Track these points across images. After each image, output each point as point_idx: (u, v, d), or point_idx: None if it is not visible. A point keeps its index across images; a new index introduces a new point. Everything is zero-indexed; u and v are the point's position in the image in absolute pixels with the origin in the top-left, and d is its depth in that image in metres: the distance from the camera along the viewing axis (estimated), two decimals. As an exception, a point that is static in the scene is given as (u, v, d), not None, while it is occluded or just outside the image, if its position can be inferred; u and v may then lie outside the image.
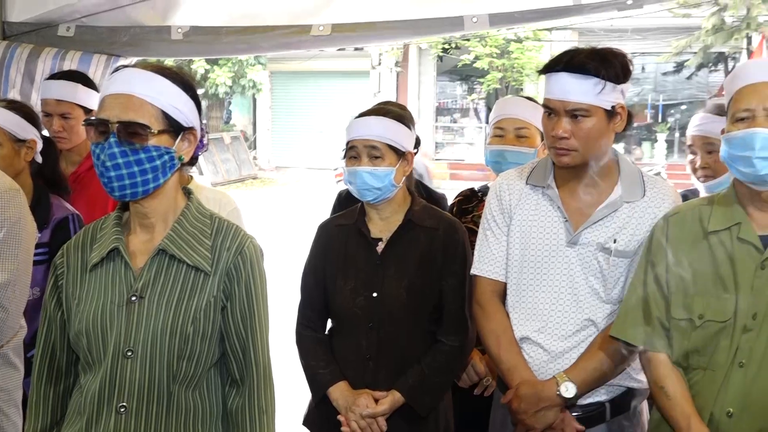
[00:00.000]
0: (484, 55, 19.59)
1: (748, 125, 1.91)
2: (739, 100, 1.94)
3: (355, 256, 2.53)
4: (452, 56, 20.99)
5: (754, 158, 1.89)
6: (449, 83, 23.83)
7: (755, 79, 1.93)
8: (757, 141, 1.88)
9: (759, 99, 1.91)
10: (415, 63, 22.12)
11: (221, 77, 20.25)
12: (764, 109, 1.90)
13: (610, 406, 2.26)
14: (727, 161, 1.97)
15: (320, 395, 2.52)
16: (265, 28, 3.54)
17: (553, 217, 2.27)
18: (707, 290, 1.99)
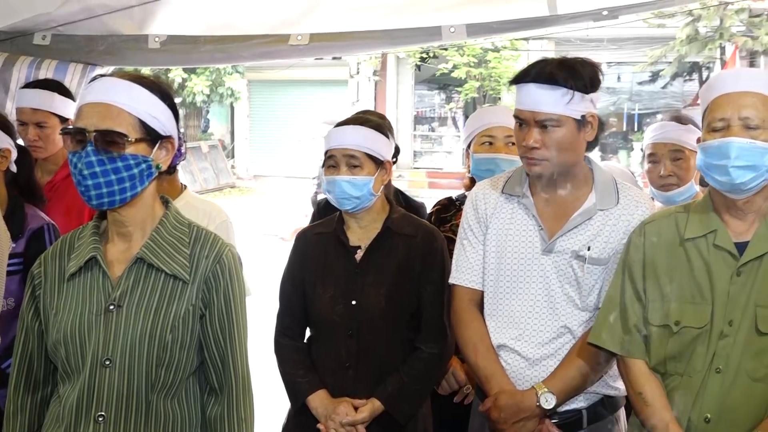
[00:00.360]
0: (461, 64, 19.67)
1: (724, 134, 1.93)
2: (714, 110, 1.97)
3: (334, 264, 2.54)
4: (430, 65, 21.06)
5: (730, 167, 1.91)
6: (427, 92, 23.89)
7: (730, 88, 1.95)
8: (732, 150, 1.90)
9: (734, 108, 1.93)
10: (393, 72, 22.16)
11: (199, 86, 20.17)
12: (739, 119, 1.92)
13: (587, 414, 2.27)
14: (703, 170, 1.99)
15: (299, 404, 2.51)
16: (243, 38, 3.54)
17: (528, 226, 2.29)
18: (684, 297, 2.01)
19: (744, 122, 1.91)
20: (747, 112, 1.91)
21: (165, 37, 3.55)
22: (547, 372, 2.23)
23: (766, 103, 1.92)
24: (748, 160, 1.90)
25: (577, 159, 2.24)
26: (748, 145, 1.90)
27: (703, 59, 19.30)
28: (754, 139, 1.90)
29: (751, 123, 1.91)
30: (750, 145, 1.90)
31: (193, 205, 2.85)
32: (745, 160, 1.90)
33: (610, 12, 3.25)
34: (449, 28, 3.37)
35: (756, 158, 1.90)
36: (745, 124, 1.91)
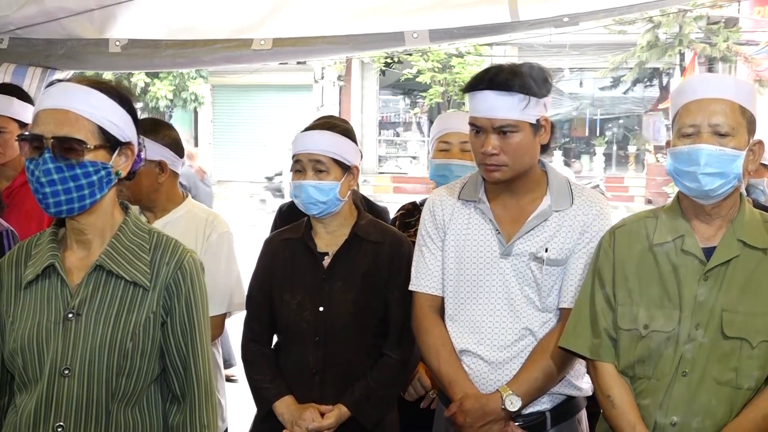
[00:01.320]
0: (426, 69, 19.76)
1: (694, 141, 1.94)
2: (684, 115, 1.98)
3: (302, 270, 2.52)
4: (395, 70, 21.13)
5: (699, 174, 1.93)
6: (392, 97, 23.97)
7: (701, 95, 1.97)
8: (702, 157, 1.92)
9: (704, 115, 1.94)
10: (358, 77, 22.19)
11: (162, 90, 19.98)
12: (709, 126, 1.93)
13: (551, 415, 2.29)
14: (673, 175, 2.01)
15: (266, 410, 2.49)
16: (205, 42, 3.52)
17: (486, 230, 2.30)
18: (652, 301, 2.02)
19: (713, 129, 1.93)
20: (717, 119, 1.93)
21: (126, 41, 3.51)
22: (510, 375, 2.25)
23: (735, 110, 1.94)
24: (717, 167, 1.92)
25: (533, 162, 2.27)
26: (717, 152, 1.91)
27: (663, 65, 19.62)
28: (723, 147, 1.92)
29: (720, 130, 1.92)
30: (719, 152, 1.91)
31: (194, 213, 2.81)
32: (714, 167, 1.92)
33: (570, 18, 3.28)
34: (412, 34, 3.38)
35: (725, 165, 1.92)
36: (714, 131, 1.93)
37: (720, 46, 17.10)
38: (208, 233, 2.75)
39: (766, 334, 1.94)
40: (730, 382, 1.95)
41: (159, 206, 2.78)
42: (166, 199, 2.78)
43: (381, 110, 23.36)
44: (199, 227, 2.76)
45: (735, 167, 1.93)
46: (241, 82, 21.17)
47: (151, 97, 20.02)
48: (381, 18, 3.39)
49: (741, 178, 1.96)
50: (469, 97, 2.24)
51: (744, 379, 1.94)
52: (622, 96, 22.45)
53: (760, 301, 1.95)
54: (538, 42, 18.08)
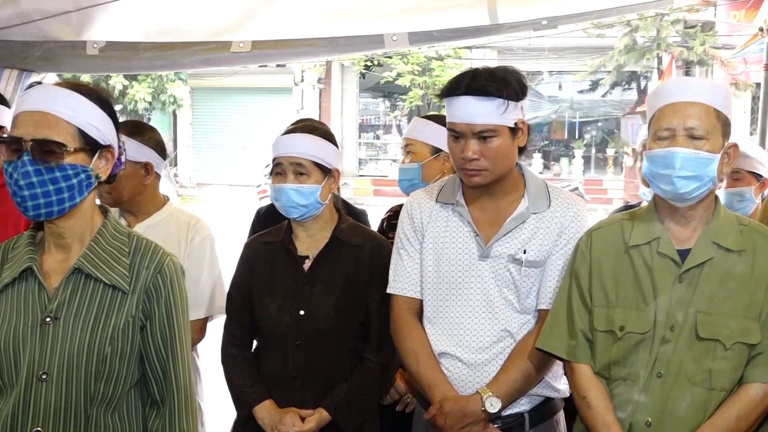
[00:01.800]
0: (406, 72, 19.77)
1: (669, 144, 1.97)
2: (661, 118, 2.00)
3: (282, 273, 2.52)
4: (375, 73, 21.13)
5: (674, 177, 1.95)
6: (372, 100, 23.98)
7: (677, 98, 1.99)
8: (677, 160, 1.94)
9: (680, 118, 1.96)
10: (338, 80, 22.16)
11: (140, 93, 19.86)
12: (684, 129, 1.95)
13: (530, 416, 2.30)
14: (649, 177, 2.03)
15: (246, 414, 2.49)
16: (183, 44, 3.50)
17: (464, 233, 2.31)
18: (628, 303, 2.04)
19: (689, 132, 1.95)
20: (692, 122, 1.95)
21: (104, 44, 3.49)
22: (489, 376, 2.26)
23: (710, 113, 1.96)
24: (692, 170, 1.94)
25: (512, 166, 2.28)
26: (692, 155, 1.94)
27: (640, 69, 19.76)
28: (698, 150, 1.94)
29: (696, 133, 1.95)
30: (694, 155, 1.94)
31: (176, 217, 2.80)
32: (689, 170, 1.94)
33: (549, 22, 3.30)
34: (392, 36, 3.39)
35: (700, 168, 1.94)
36: (690, 134, 1.95)
37: (697, 50, 17.26)
38: (191, 237, 2.75)
39: (739, 335, 1.96)
40: (703, 383, 1.97)
41: (141, 209, 2.77)
42: (148, 202, 2.78)
43: (361, 113, 23.35)
44: (182, 231, 2.75)
45: (710, 170, 1.95)
46: (220, 84, 21.06)
47: (129, 99, 19.89)
48: (360, 20, 3.40)
49: (716, 180, 1.98)
50: (447, 102, 2.24)
51: (717, 380, 1.97)
52: (601, 99, 22.58)
53: (734, 303, 1.97)
54: (517, 45, 18.18)
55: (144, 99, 20.00)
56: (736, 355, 1.97)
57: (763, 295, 1.98)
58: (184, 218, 2.81)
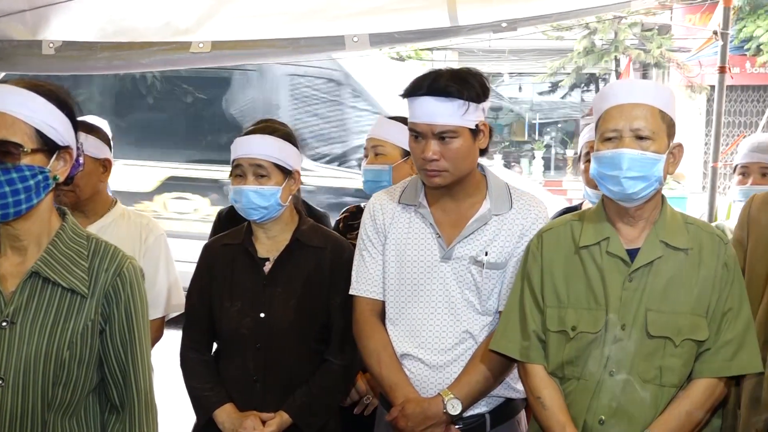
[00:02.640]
0: (367, 73, 19.79)
1: (616, 145, 2.00)
2: (607, 120, 2.03)
3: (242, 276, 2.50)
4: (336, 74, 21.09)
5: (622, 178, 1.98)
6: (334, 101, 23.91)
7: (622, 100, 2.02)
8: (624, 161, 1.97)
9: (625, 120, 1.99)
10: (299, 80, 22.07)
11: (98, 93, 19.61)
12: (630, 130, 1.98)
13: (490, 417, 2.32)
14: (597, 178, 2.06)
15: (206, 418, 2.47)
16: (142, 44, 3.47)
17: (426, 234, 2.32)
18: (580, 303, 2.07)
19: (635, 133, 1.98)
20: (638, 123, 1.98)
21: (60, 43, 3.45)
22: (451, 378, 2.27)
23: (655, 114, 1.99)
24: (639, 170, 1.97)
25: (472, 167, 2.30)
26: (638, 156, 1.97)
27: (599, 71, 20.00)
28: (644, 150, 1.97)
29: (642, 134, 1.98)
30: (641, 156, 1.97)
31: (128, 216, 2.79)
32: (636, 171, 1.97)
33: (509, 24, 3.34)
34: (352, 38, 3.40)
35: (646, 169, 1.98)
36: (636, 135, 1.98)
37: (654, 53, 17.52)
38: (145, 236, 2.75)
39: (688, 332, 2.00)
40: (654, 380, 2.00)
41: (94, 209, 2.75)
42: (101, 202, 2.76)
43: (322, 114, 23.29)
44: (136, 231, 2.74)
45: (656, 170, 1.99)
46: (179, 84, 20.85)
47: (87, 100, 19.60)
48: (321, 22, 3.40)
49: (662, 180, 2.02)
50: (408, 102, 2.25)
51: (668, 377, 2.01)
52: (560, 101, 22.81)
53: (682, 300, 2.02)
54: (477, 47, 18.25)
55: (102, 99, 19.70)
56: (686, 351, 2.01)
57: (710, 292, 2.02)
58: (135, 218, 2.81)
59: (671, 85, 18.66)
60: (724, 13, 4.17)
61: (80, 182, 2.61)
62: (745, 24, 16.86)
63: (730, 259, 2.05)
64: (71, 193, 2.64)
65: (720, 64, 4.14)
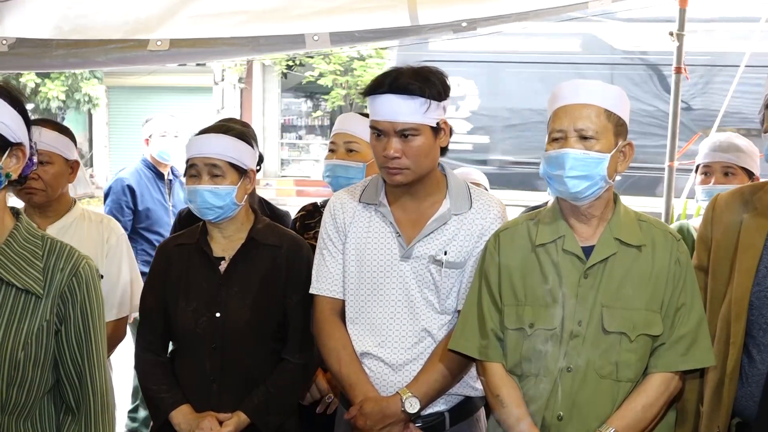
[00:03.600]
0: (328, 72, 19.74)
1: (561, 145, 2.03)
2: (554, 121, 2.06)
3: (197, 276, 2.48)
4: (296, 73, 21.02)
5: (565, 177, 2.01)
6: (294, 100, 23.80)
7: (568, 100, 2.05)
8: (567, 161, 2.01)
9: (570, 120, 2.03)
10: (259, 79, 21.95)
11: (53, 91, 19.27)
12: (575, 130, 2.02)
13: (450, 415, 2.33)
14: (545, 179, 2.09)
15: (162, 420, 2.45)
16: (98, 42, 3.42)
17: (386, 233, 2.33)
18: (536, 300, 2.09)
19: (579, 133, 2.02)
20: (582, 123, 2.01)
21: (14, 40, 3.38)
22: (411, 377, 2.28)
23: (601, 114, 2.03)
24: (582, 170, 2.01)
25: (433, 165, 2.31)
26: (581, 155, 2.00)
27: (557, 71, 20.18)
28: (588, 150, 2.01)
29: (586, 134, 2.01)
30: (584, 155, 2.00)
31: (88, 216, 2.79)
32: (579, 170, 2.00)
33: (468, 24, 3.36)
34: (313, 36, 3.39)
35: (590, 168, 2.01)
36: (580, 135, 2.01)
37: (610, 53, 17.77)
38: (107, 236, 2.75)
39: (643, 327, 2.04)
40: (611, 375, 2.03)
41: (56, 210, 2.76)
42: (64, 202, 2.77)
43: (283, 113, 23.16)
44: (97, 230, 2.74)
45: (600, 169, 2.02)
46: (138, 83, 20.60)
47: (42, 98, 19.27)
48: (281, 20, 3.39)
49: (608, 179, 2.05)
50: (369, 100, 2.25)
51: (624, 372, 2.04)
52: (521, 100, 22.99)
53: (637, 296, 2.05)
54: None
55: (57, 98, 19.41)
56: (641, 346, 2.04)
57: (663, 288, 2.06)
58: (95, 218, 2.81)
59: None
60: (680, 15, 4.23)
61: (53, 183, 2.67)
62: (700, 26, 17.16)
63: (683, 255, 2.09)
64: (42, 192, 2.67)
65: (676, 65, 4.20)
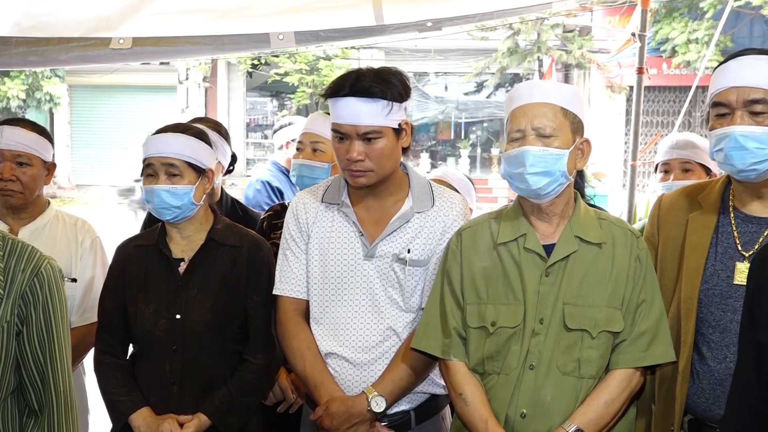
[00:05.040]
0: (293, 71, 19.67)
1: (520, 144, 2.05)
2: (513, 121, 2.09)
3: (156, 277, 2.46)
4: (262, 72, 20.91)
5: (526, 174, 2.03)
6: (260, 99, 23.68)
7: (525, 100, 2.08)
8: (527, 158, 2.03)
9: (528, 119, 2.05)
10: (224, 78, 21.80)
11: (13, 90, 18.96)
12: (533, 129, 2.04)
13: (415, 414, 2.34)
14: (506, 178, 2.11)
15: (122, 423, 2.41)
16: (59, 40, 3.37)
17: (349, 233, 2.33)
18: (499, 298, 2.10)
19: (537, 131, 2.04)
20: (539, 122, 2.04)
21: (-29, 38, 3.33)
22: (376, 376, 2.28)
23: (557, 112, 2.06)
24: (542, 167, 2.03)
25: (396, 166, 2.31)
26: (541, 152, 2.03)
27: (523, 71, 20.32)
28: (546, 147, 2.03)
29: (544, 132, 2.04)
30: (543, 152, 2.03)
31: (62, 218, 2.76)
32: (539, 167, 2.03)
33: (434, 23, 3.37)
34: (278, 35, 3.38)
35: (550, 165, 2.03)
36: (538, 133, 2.04)
37: (575, 53, 17.92)
38: (81, 238, 2.73)
39: (604, 324, 2.06)
40: (573, 372, 2.05)
41: (30, 212, 2.74)
42: (38, 203, 2.75)
43: (248, 112, 23.04)
44: (71, 233, 2.72)
45: (560, 165, 2.04)
46: (100, 82, 20.34)
47: (1, 96, 18.97)
48: (246, 19, 3.37)
49: (567, 175, 2.07)
50: (330, 102, 2.25)
51: (586, 368, 2.05)
52: (486, 100, 23.09)
53: (598, 293, 2.07)
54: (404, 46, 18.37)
55: (17, 96, 19.10)
56: (603, 343, 2.06)
57: (623, 285, 2.08)
58: (69, 220, 2.78)
59: (592, 86, 19.15)
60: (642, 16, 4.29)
61: (31, 185, 2.67)
62: (662, 26, 17.40)
63: (642, 252, 2.12)
64: (20, 194, 2.66)
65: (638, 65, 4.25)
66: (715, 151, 2.05)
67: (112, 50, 3.36)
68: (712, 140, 2.05)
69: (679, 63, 17.49)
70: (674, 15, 17.30)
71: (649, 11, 4.27)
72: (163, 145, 2.42)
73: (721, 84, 2.03)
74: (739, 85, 1.99)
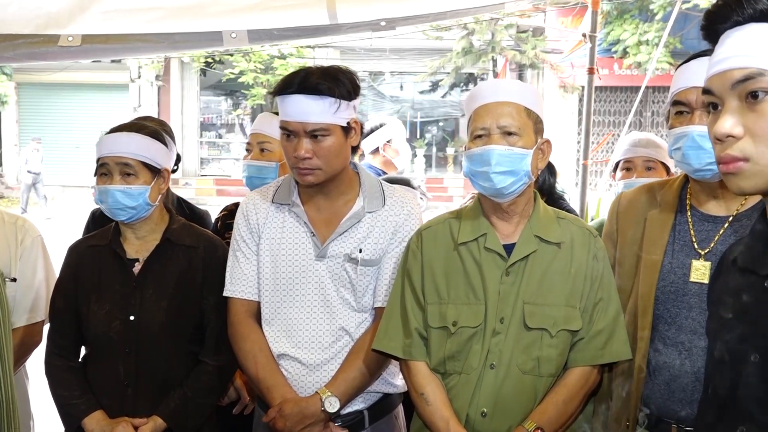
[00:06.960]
0: (248, 70, 19.53)
1: (485, 142, 2.05)
2: (476, 119, 2.08)
3: (110, 278, 2.41)
4: (216, 71, 20.73)
5: (491, 173, 2.03)
6: (214, 98, 23.46)
7: (489, 99, 2.08)
8: (492, 157, 2.03)
9: (492, 117, 2.05)
10: (178, 77, 21.56)
11: (-41, 88, 18.55)
12: (498, 127, 2.04)
13: (369, 413, 2.34)
14: (469, 176, 2.11)
15: (74, 427, 2.36)
16: (6, 37, 3.29)
17: (300, 233, 2.32)
18: (460, 298, 2.10)
19: (502, 130, 2.04)
20: (504, 120, 2.05)
21: None
22: (329, 376, 2.27)
23: (521, 111, 2.06)
24: (507, 165, 2.03)
25: (345, 164, 2.31)
26: (506, 151, 2.03)
27: (477, 71, 20.47)
28: (511, 146, 2.04)
29: (509, 130, 2.04)
30: (508, 151, 2.03)
31: (1, 218, 2.65)
32: (504, 166, 2.03)
33: (387, 23, 3.37)
34: (230, 34, 3.34)
35: (514, 164, 2.04)
36: (503, 131, 2.04)
37: (529, 54, 18.12)
38: (21, 237, 2.64)
39: (563, 323, 2.07)
40: (533, 371, 2.06)
41: None
42: None
43: (202, 111, 22.79)
44: (10, 232, 2.63)
45: (524, 165, 2.05)
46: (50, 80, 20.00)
47: (-53, 94, 18.52)
48: (197, 17, 3.32)
49: (531, 175, 2.08)
50: (279, 100, 2.24)
51: (545, 367, 2.07)
52: (441, 99, 23.20)
53: (557, 292, 2.08)
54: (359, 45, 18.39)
55: (-37, 94, 18.68)
56: (561, 342, 2.07)
57: (582, 283, 2.10)
58: (9, 219, 2.68)
59: (545, 86, 19.36)
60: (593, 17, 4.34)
61: None
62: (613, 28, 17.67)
63: (600, 251, 2.14)
64: None
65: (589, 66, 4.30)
66: (674, 150, 2.07)
67: (60, 48, 3.29)
68: (671, 139, 2.08)
69: (630, 64, 17.79)
70: (625, 16, 17.60)
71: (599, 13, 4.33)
72: (117, 145, 2.38)
73: (681, 83, 2.06)
74: (699, 85, 2.01)
